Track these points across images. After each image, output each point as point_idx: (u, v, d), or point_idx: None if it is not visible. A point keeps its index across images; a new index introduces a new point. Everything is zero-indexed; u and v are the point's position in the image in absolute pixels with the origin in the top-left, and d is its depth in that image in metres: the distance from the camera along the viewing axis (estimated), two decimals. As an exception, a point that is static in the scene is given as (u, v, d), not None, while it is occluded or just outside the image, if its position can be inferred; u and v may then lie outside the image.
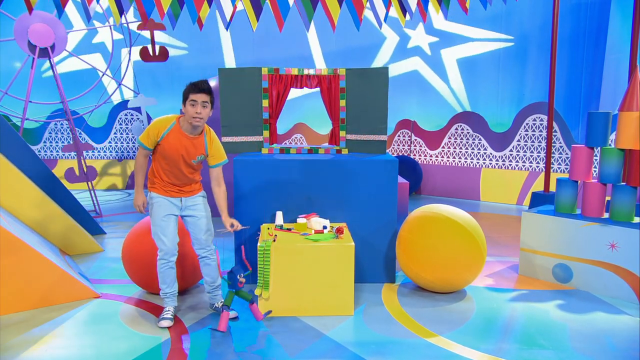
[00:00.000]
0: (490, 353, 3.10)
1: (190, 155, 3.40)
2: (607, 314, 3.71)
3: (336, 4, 4.71)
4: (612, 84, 6.75)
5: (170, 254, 3.46)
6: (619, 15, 6.66)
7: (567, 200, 4.40)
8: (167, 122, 3.37)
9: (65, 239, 4.95)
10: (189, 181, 3.51)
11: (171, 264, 3.49)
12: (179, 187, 3.49)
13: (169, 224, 3.45)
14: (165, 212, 3.44)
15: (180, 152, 3.37)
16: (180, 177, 3.46)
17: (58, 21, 6.49)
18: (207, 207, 3.61)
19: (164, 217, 3.44)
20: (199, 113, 3.28)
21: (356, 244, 3.93)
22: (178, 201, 3.50)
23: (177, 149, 3.36)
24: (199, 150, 3.43)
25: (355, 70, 4.41)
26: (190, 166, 3.46)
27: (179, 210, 3.51)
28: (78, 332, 3.37)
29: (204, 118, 3.32)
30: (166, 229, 3.44)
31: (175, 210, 3.49)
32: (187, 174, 3.46)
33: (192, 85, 3.30)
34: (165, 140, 3.35)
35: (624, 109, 4.12)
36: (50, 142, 9.34)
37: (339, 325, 3.48)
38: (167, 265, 3.48)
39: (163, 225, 3.44)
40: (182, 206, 3.52)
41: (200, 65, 8.92)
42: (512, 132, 7.90)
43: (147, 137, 3.37)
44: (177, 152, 3.37)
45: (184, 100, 3.32)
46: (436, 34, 8.48)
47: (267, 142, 4.51)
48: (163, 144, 3.35)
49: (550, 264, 4.34)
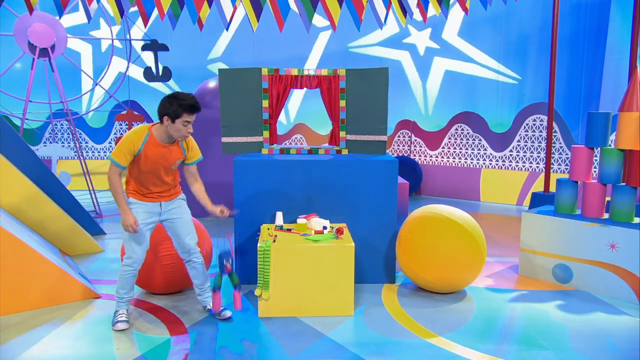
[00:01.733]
0: (490, 353, 3.10)
1: (169, 162, 3.35)
2: (607, 314, 3.71)
3: (336, 4, 4.72)
4: (612, 85, 6.75)
5: (138, 263, 3.43)
6: (619, 15, 6.66)
7: (567, 201, 4.40)
8: (140, 135, 3.24)
9: (65, 240, 4.95)
10: (169, 186, 3.47)
11: (136, 272, 3.46)
12: (159, 192, 3.43)
13: (145, 233, 3.39)
14: (142, 220, 3.35)
15: (160, 162, 3.30)
16: (160, 184, 3.39)
17: (58, 22, 6.50)
18: (188, 210, 3.57)
19: (140, 225, 3.35)
20: (190, 132, 3.27)
21: (356, 244, 3.93)
22: (157, 206, 3.42)
23: (155, 160, 3.28)
24: (178, 155, 3.39)
25: (355, 70, 4.41)
26: (171, 172, 3.41)
27: (158, 216, 3.44)
28: (78, 333, 3.37)
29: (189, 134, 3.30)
30: (141, 238, 3.37)
31: (154, 217, 3.42)
32: (167, 180, 3.41)
33: (187, 106, 3.18)
34: (143, 154, 3.24)
35: (623, 109, 4.12)
36: (51, 142, 9.34)
37: (339, 326, 3.48)
38: (132, 273, 3.44)
39: (138, 234, 3.35)
40: (162, 211, 3.45)
41: (200, 65, 8.91)
42: (512, 133, 7.90)
43: (122, 155, 3.21)
44: (156, 163, 3.29)
45: (174, 117, 3.18)
46: (439, 42, 8.47)
47: (267, 143, 4.51)
48: (140, 157, 3.25)
49: (550, 265, 4.34)
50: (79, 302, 3.87)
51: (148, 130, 3.28)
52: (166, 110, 3.20)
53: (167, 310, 3.73)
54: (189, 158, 3.49)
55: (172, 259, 3.83)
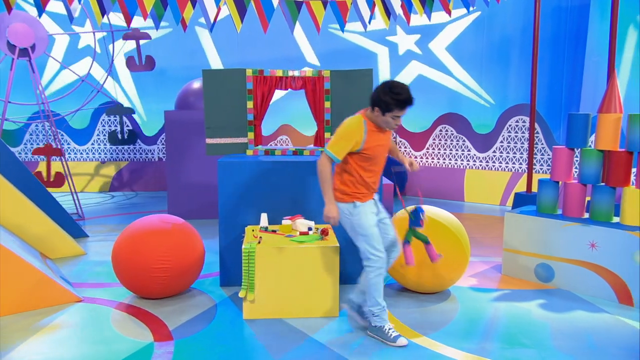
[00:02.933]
0: (474, 353, 3.13)
1: (386, 148, 3.25)
2: (588, 312, 3.77)
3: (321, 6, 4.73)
4: (592, 87, 6.87)
5: (385, 262, 3.25)
6: (597, 18, 6.78)
7: (548, 201, 4.46)
8: (359, 124, 3.10)
9: (46, 242, 4.88)
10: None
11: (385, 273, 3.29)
12: (374, 189, 3.29)
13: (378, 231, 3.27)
14: (374, 219, 3.25)
15: (379, 150, 3.18)
16: (377, 176, 3.27)
17: (38, 21, 6.40)
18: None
19: (374, 225, 3.22)
20: (398, 125, 3.14)
21: (341, 245, 3.93)
22: (373, 205, 3.32)
23: (375, 148, 3.15)
24: (389, 140, 3.28)
25: (339, 72, 4.42)
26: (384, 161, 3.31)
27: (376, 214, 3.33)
28: (59, 337, 3.32)
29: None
30: (379, 237, 3.23)
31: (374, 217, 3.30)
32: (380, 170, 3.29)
33: (401, 102, 3.02)
34: (368, 144, 3.12)
35: (602, 110, 4.19)
36: (31, 144, 9.20)
37: (324, 327, 3.48)
38: (382, 275, 3.24)
39: (376, 234, 3.21)
40: (377, 210, 3.35)
41: (185, 66, 8.85)
42: (496, 134, 8.00)
43: (341, 149, 3.09)
44: (376, 150, 3.16)
45: (384, 110, 3.04)
46: (424, 50, 8.54)
47: (252, 144, 4.49)
48: (366, 148, 3.13)
49: (532, 264, 4.40)
50: (60, 306, 3.81)
51: (364, 118, 3.15)
52: (378, 102, 3.05)
53: (151, 314, 3.70)
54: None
55: (165, 271, 3.77)
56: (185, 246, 3.89)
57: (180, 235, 3.90)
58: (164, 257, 3.75)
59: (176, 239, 3.86)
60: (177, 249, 3.82)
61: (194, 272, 4.01)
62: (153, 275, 3.75)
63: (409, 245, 3.42)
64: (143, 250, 3.75)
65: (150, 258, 3.74)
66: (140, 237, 3.82)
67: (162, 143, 9.22)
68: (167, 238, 3.82)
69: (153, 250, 3.75)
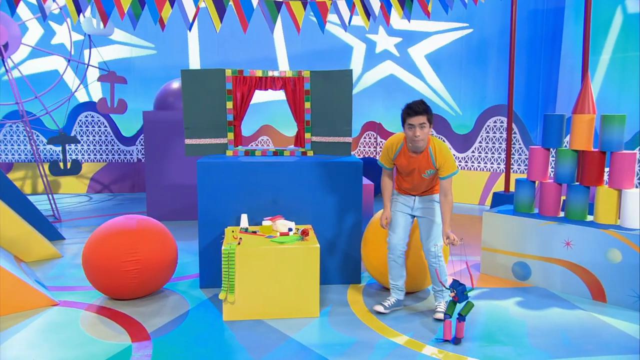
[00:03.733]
0: (453, 351, 3.16)
1: (419, 169, 3.52)
2: (563, 309, 3.85)
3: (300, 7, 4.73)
4: (567, 88, 7.02)
5: (392, 249, 3.71)
6: (572, 22, 6.93)
7: (525, 200, 4.54)
8: (394, 145, 3.59)
9: (21, 245, 4.77)
10: (424, 188, 3.65)
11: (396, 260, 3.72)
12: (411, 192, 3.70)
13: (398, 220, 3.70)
14: (401, 208, 3.71)
15: (414, 168, 3.53)
16: (416, 185, 3.63)
17: (11, 19, 6.26)
18: (438, 213, 3.62)
19: (397, 211, 3.70)
20: (417, 136, 3.36)
21: (322, 245, 3.94)
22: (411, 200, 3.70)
23: (408, 166, 3.54)
24: (425, 165, 3.49)
25: (319, 72, 4.42)
26: (419, 182, 3.60)
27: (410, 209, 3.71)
28: (34, 342, 3.25)
29: (424, 140, 3.39)
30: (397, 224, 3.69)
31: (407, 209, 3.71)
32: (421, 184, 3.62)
33: (407, 108, 3.37)
34: (397, 161, 3.59)
35: (576, 111, 4.29)
36: (5, 144, 8.98)
37: (305, 328, 3.48)
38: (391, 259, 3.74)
39: (395, 220, 3.71)
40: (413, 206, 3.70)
41: (166, 66, 8.75)
42: (474, 134, 8.10)
43: (384, 160, 3.69)
44: (410, 168, 3.55)
45: (402, 123, 3.44)
46: (398, 34, 8.62)
47: (232, 145, 4.47)
48: (398, 164, 3.60)
49: (510, 262, 4.47)
50: (35, 310, 3.73)
51: (403, 139, 3.56)
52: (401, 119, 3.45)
53: (129, 316, 3.65)
54: (440, 172, 3.49)
55: (136, 264, 3.74)
56: (153, 242, 3.86)
57: (147, 232, 3.88)
58: (131, 254, 3.73)
59: (142, 235, 3.84)
60: (144, 244, 3.80)
61: (167, 269, 3.97)
62: (122, 273, 3.72)
63: (449, 318, 3.26)
64: (109, 249, 3.73)
65: (117, 256, 3.71)
66: (105, 237, 3.80)
67: (141, 144, 9.10)
68: (132, 235, 3.80)
69: (119, 248, 3.73)
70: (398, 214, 3.70)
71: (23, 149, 8.98)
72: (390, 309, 3.72)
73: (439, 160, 3.46)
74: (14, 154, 8.98)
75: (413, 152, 3.49)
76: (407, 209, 3.70)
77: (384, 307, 3.70)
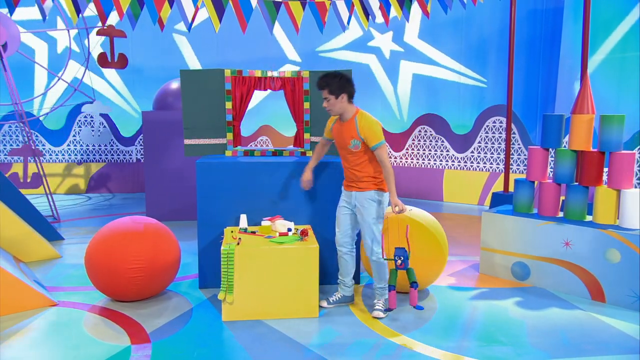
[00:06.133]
0: (452, 351, 3.16)
1: (344, 140, 3.56)
2: (562, 309, 3.85)
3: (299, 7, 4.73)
4: (566, 88, 7.02)
5: (340, 245, 3.77)
6: (571, 22, 6.94)
7: (524, 200, 4.54)
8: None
9: (20, 246, 4.76)
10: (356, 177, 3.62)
11: (345, 256, 3.78)
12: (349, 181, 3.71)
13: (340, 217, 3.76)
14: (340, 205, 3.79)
15: (337, 139, 3.64)
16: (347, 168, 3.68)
17: (10, 19, 6.25)
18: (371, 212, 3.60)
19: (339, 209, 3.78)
20: (325, 107, 3.56)
21: (321, 245, 3.94)
22: (349, 196, 3.70)
23: (337, 135, 3.64)
24: (351, 134, 3.52)
25: (318, 72, 4.41)
26: (348, 156, 3.61)
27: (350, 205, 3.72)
28: (33, 342, 3.24)
29: (332, 110, 3.54)
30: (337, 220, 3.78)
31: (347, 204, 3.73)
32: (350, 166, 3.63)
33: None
34: (333, 130, 3.70)
35: (575, 111, 4.29)
36: (4, 145, 8.98)
37: (304, 328, 3.48)
38: (340, 255, 3.81)
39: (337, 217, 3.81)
40: (352, 201, 3.69)
41: (165, 66, 8.74)
42: (473, 134, 8.10)
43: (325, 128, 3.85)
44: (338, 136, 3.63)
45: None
46: (402, 45, 8.60)
47: (231, 145, 4.47)
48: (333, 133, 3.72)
49: (509, 263, 4.47)
50: (34, 310, 3.73)
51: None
52: None
53: (128, 317, 3.65)
54: (367, 143, 3.52)
55: (141, 271, 3.73)
56: (159, 246, 3.85)
57: (154, 236, 3.86)
58: (137, 258, 3.72)
59: (149, 239, 3.82)
60: (150, 249, 3.78)
61: (170, 272, 3.97)
62: (127, 277, 3.70)
63: (394, 290, 3.56)
64: (115, 252, 3.71)
65: (123, 260, 3.69)
66: (112, 239, 3.78)
67: (140, 144, 9.10)
68: (139, 239, 3.79)
69: (125, 251, 3.71)
70: (341, 209, 3.76)
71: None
72: (334, 305, 3.81)
73: (363, 130, 3.50)
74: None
75: (342, 121, 3.61)
76: (349, 205, 3.72)
77: (328, 302, 3.80)
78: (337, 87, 3.49)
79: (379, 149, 3.48)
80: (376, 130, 3.51)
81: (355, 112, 3.58)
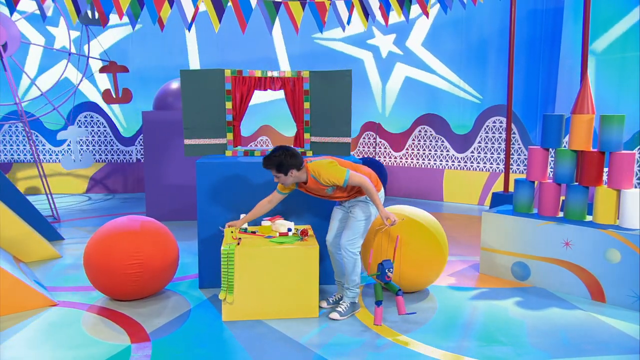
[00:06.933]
0: (452, 351, 3.16)
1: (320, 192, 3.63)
2: (562, 309, 3.85)
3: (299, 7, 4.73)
4: (566, 88, 7.02)
5: (329, 245, 3.81)
6: (571, 22, 6.93)
7: (524, 200, 4.54)
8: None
9: (20, 246, 4.76)
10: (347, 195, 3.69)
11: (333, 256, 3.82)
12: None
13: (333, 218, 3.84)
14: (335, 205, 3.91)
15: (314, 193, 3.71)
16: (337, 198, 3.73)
17: (10, 20, 6.25)
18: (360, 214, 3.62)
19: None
20: (276, 182, 3.59)
21: (321, 245, 3.93)
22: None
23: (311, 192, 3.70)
24: (319, 185, 3.53)
25: (318, 72, 4.42)
26: (330, 196, 3.67)
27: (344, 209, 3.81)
28: (33, 342, 3.24)
29: (286, 183, 3.55)
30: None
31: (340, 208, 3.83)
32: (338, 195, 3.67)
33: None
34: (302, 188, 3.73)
35: (575, 111, 4.29)
36: (4, 145, 8.98)
37: (304, 328, 3.48)
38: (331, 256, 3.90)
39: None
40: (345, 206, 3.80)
41: (165, 66, 8.74)
42: (473, 134, 8.10)
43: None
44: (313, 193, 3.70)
45: None
46: (403, 49, 8.59)
47: (231, 145, 4.46)
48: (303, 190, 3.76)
49: (509, 263, 4.47)
50: (35, 310, 3.73)
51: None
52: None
53: (128, 317, 3.65)
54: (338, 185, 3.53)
55: (139, 267, 3.74)
56: (156, 244, 3.86)
57: (151, 234, 3.87)
58: (135, 256, 3.72)
59: (146, 237, 3.83)
60: (147, 247, 3.79)
61: (168, 271, 3.97)
62: (125, 273, 3.71)
63: (380, 306, 3.51)
64: (113, 251, 3.72)
65: (121, 258, 3.70)
66: (109, 238, 3.79)
67: (141, 144, 9.10)
68: (136, 237, 3.79)
69: (123, 250, 3.72)
70: (336, 210, 3.82)
71: (22, 149, 8.97)
72: (334, 305, 3.81)
73: (324, 179, 3.46)
74: (14, 154, 8.97)
75: (304, 182, 3.61)
76: (343, 208, 3.79)
77: (327, 302, 3.83)
78: (284, 168, 3.44)
79: (349, 181, 3.46)
80: (334, 171, 3.44)
81: (307, 170, 3.52)
